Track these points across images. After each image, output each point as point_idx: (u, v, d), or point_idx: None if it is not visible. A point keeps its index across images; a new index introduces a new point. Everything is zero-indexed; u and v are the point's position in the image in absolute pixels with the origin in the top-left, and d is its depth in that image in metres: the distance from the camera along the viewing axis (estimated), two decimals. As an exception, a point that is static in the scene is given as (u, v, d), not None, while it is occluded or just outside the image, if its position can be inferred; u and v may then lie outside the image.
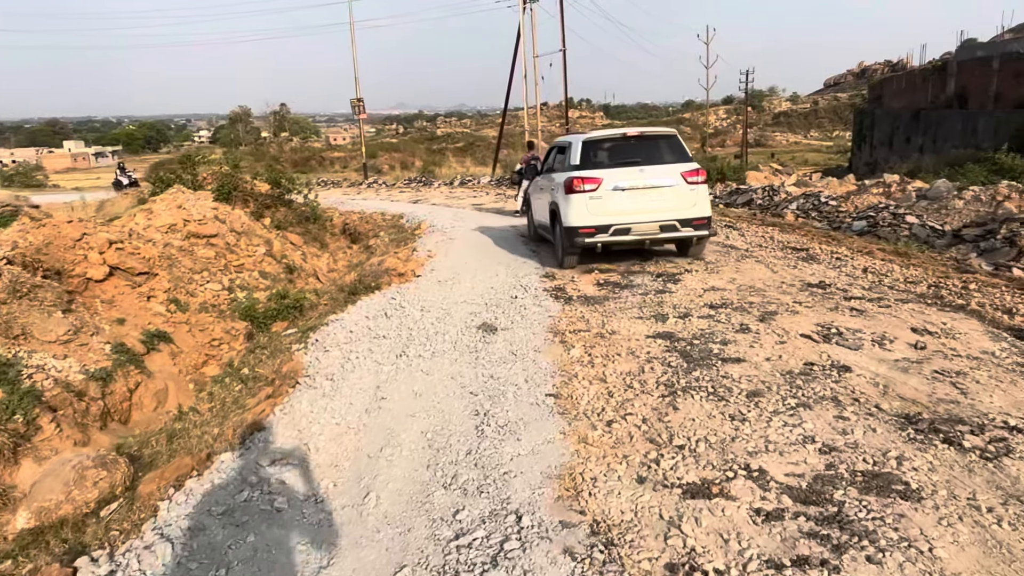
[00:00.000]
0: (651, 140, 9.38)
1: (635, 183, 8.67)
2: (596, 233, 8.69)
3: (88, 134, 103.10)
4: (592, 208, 8.62)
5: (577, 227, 8.71)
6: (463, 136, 75.23)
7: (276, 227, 12.96)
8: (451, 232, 13.86)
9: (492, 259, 10.40)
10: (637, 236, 8.82)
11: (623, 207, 8.65)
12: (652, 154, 9.08)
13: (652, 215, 8.66)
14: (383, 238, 14.58)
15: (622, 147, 9.25)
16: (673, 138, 9.44)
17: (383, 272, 8.88)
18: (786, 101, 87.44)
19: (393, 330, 6.59)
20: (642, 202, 8.67)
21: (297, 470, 3.82)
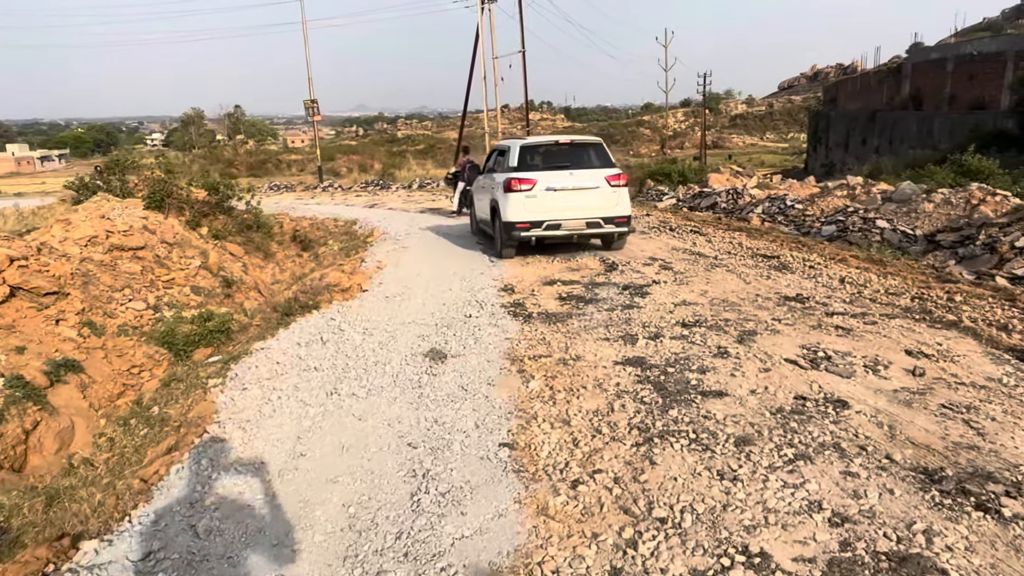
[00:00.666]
0: (580, 147, 10.35)
1: (565, 184, 9.58)
2: (531, 228, 9.57)
3: (34, 137, 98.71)
4: (528, 206, 9.50)
5: (515, 222, 9.57)
6: (424, 138, 74.10)
7: (214, 237, 11.94)
8: (405, 239, 12.99)
9: (447, 270, 9.60)
10: (566, 231, 9.74)
11: (555, 205, 9.52)
12: (581, 159, 10.04)
13: (580, 213, 9.58)
14: (332, 247, 13.65)
15: (555, 152, 10.18)
16: (599, 146, 10.38)
17: (324, 288, 8.01)
18: (742, 104, 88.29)
19: (327, 360, 5.74)
20: (571, 201, 9.56)
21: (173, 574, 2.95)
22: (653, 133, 74.96)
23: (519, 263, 9.90)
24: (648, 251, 10.42)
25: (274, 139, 79.53)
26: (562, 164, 9.87)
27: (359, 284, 8.66)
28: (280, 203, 24.21)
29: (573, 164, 9.89)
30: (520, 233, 9.63)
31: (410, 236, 13.43)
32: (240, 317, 7.82)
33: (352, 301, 7.90)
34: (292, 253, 16.44)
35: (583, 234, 10.01)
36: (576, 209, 9.57)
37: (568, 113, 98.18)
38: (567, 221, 9.60)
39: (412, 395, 4.82)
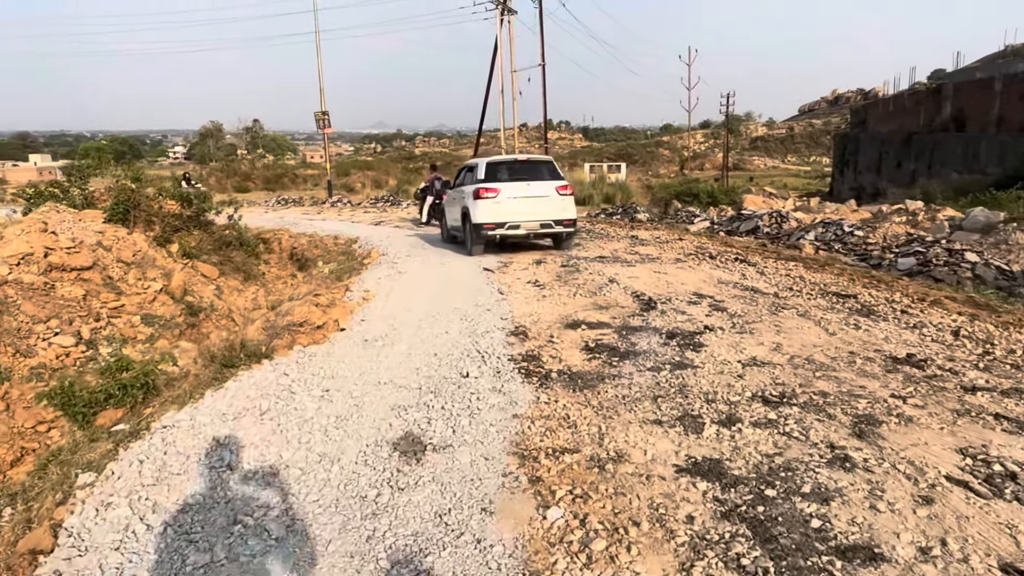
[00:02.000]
0: (535, 163, 12.21)
1: (523, 193, 11.17)
2: (496, 228, 11.09)
3: (60, 148, 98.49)
4: (493, 210, 11.03)
5: (482, 223, 11.09)
6: (441, 155, 72.85)
7: (186, 255, 10.22)
8: (404, 262, 11.19)
9: (446, 304, 7.77)
10: (524, 231, 11.39)
11: (515, 210, 11.09)
12: (536, 173, 11.71)
13: (535, 216, 11.23)
14: (323, 269, 11.90)
15: (515, 167, 11.88)
16: (550, 162, 12.36)
17: (284, 329, 6.19)
18: (762, 126, 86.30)
19: (255, 448, 3.91)
20: (528, 207, 11.17)
21: None
22: (672, 154, 73.04)
23: (535, 297, 8.07)
24: (690, 284, 8.54)
25: (293, 154, 78.60)
26: (521, 177, 11.50)
27: (336, 320, 6.85)
28: (284, 218, 22.62)
29: (530, 177, 11.55)
30: (487, 232, 11.18)
31: (411, 259, 11.63)
32: (170, 366, 6.00)
33: (322, 346, 6.07)
34: (287, 273, 14.76)
35: (538, 233, 11.71)
36: (532, 213, 11.21)
37: (586, 133, 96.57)
38: (525, 222, 11.24)
39: (358, 536, 2.95)
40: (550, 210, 11.26)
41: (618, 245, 12.65)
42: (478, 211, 11.05)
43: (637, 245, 12.56)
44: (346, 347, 6.02)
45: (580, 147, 79.67)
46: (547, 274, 9.70)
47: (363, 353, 5.81)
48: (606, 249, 12.17)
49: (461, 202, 11.93)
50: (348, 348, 5.98)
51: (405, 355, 5.71)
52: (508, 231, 11.17)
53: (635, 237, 13.77)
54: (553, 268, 10.19)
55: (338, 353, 5.82)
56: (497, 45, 28.35)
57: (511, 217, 11.06)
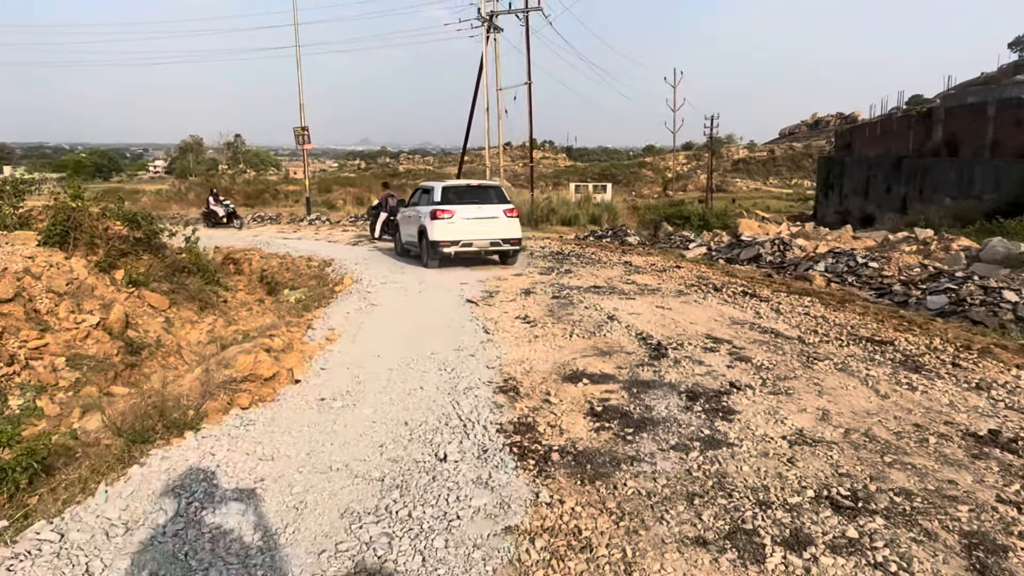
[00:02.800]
0: (485, 188, 13.29)
1: (475, 214, 12.06)
2: (451, 245, 11.90)
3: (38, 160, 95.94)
4: (449, 229, 11.86)
5: (439, 241, 11.93)
6: (425, 173, 71.80)
7: (132, 283, 8.99)
8: (379, 292, 10.04)
9: (423, 346, 6.63)
10: (476, 248, 12.19)
11: (468, 229, 11.95)
12: (486, 197, 12.70)
13: (485, 235, 12.07)
14: (289, 297, 10.73)
15: (467, 191, 12.84)
16: (499, 187, 13.67)
17: (224, 386, 5.01)
18: (743, 149, 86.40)
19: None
20: (479, 226, 12.01)
21: None
22: (655, 175, 72.72)
23: (525, 337, 6.95)
24: (700, 323, 7.47)
25: (277, 169, 77.13)
26: (473, 200, 12.46)
27: (291, 370, 5.68)
28: (259, 236, 21.33)
29: (480, 200, 12.53)
30: (443, 249, 12.03)
31: (387, 287, 10.47)
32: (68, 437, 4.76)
33: (267, 407, 4.90)
34: (254, 298, 13.53)
35: (488, 250, 12.56)
36: (482, 232, 12.11)
37: (570, 153, 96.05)
38: (477, 240, 12.13)
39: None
40: (499, 230, 12.27)
41: (612, 272, 11.60)
42: (435, 230, 12.01)
43: (633, 273, 11.52)
44: (296, 410, 4.85)
45: (564, 167, 79.02)
46: (538, 307, 8.60)
47: (316, 419, 4.64)
48: (600, 277, 11.11)
49: (418, 221, 12.87)
50: (298, 411, 4.81)
51: (368, 423, 4.55)
52: (462, 248, 12.11)
53: (629, 263, 12.74)
54: (544, 300, 9.10)
55: (285, 419, 4.64)
56: (483, 63, 27.44)
57: (464, 236, 12.02)
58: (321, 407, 4.88)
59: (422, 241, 12.61)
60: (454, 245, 11.97)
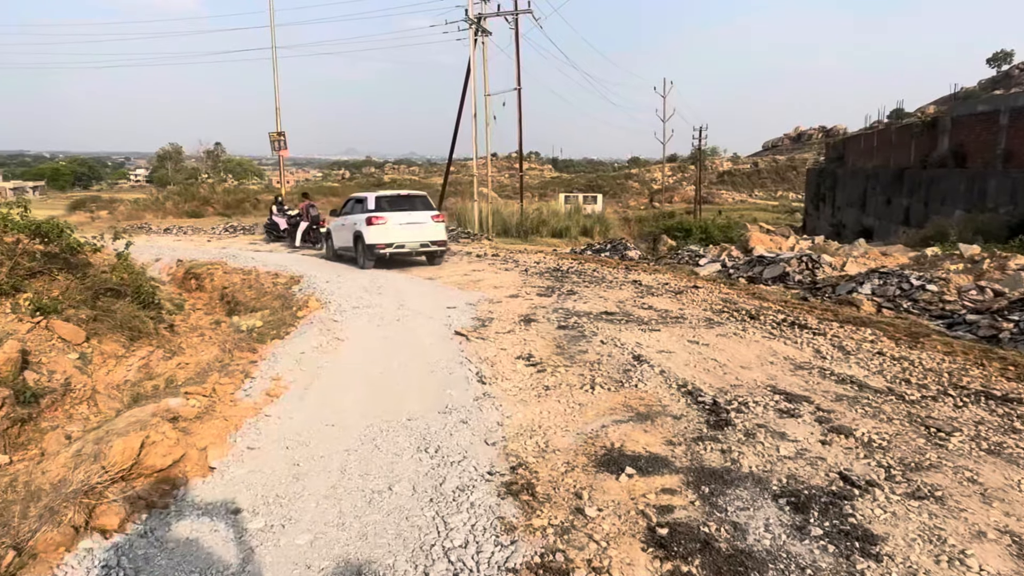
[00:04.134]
0: (414, 196, 14.17)
1: (406, 220, 13.25)
2: (386, 247, 13.08)
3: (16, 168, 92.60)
4: (382, 233, 13.07)
5: (374, 244, 13.08)
6: (410, 183, 70.06)
7: (38, 311, 7.11)
8: (349, 320, 8.22)
9: (396, 405, 4.85)
10: (407, 249, 13.36)
11: (399, 233, 13.15)
12: (414, 204, 13.75)
13: (414, 238, 13.31)
14: (239, 324, 8.90)
15: (398, 199, 13.79)
16: (425, 196, 14.46)
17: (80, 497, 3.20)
18: (727, 161, 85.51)
19: None
20: (409, 231, 13.24)
21: None
22: (641, 186, 71.44)
23: (533, 389, 5.19)
24: (753, 367, 5.76)
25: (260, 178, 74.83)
26: (403, 207, 13.34)
27: (205, 452, 3.87)
28: (227, 249, 19.35)
29: (410, 207, 13.41)
30: (379, 251, 12.99)
31: (358, 313, 8.65)
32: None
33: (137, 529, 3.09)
34: (209, 320, 11.67)
35: (417, 251, 13.44)
36: (412, 235, 13.08)
37: (556, 164, 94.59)
38: (408, 243, 13.10)
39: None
40: (427, 233, 13.33)
41: (622, 294, 9.89)
42: (370, 234, 12.99)
43: (646, 295, 9.80)
44: (191, 533, 3.04)
45: (550, 178, 77.49)
46: (542, 341, 6.85)
47: (215, 557, 2.84)
48: (609, 300, 9.39)
49: (353, 228, 13.68)
50: (192, 538, 3.01)
51: (300, 569, 2.76)
52: (395, 250, 13.12)
53: (638, 283, 11.03)
54: (549, 331, 7.35)
55: (163, 559, 2.83)
56: (470, 68, 25.74)
57: (397, 239, 13.02)
58: (230, 529, 3.08)
59: (358, 245, 13.53)
60: (388, 247, 13.02)
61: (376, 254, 13.09)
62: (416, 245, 13.29)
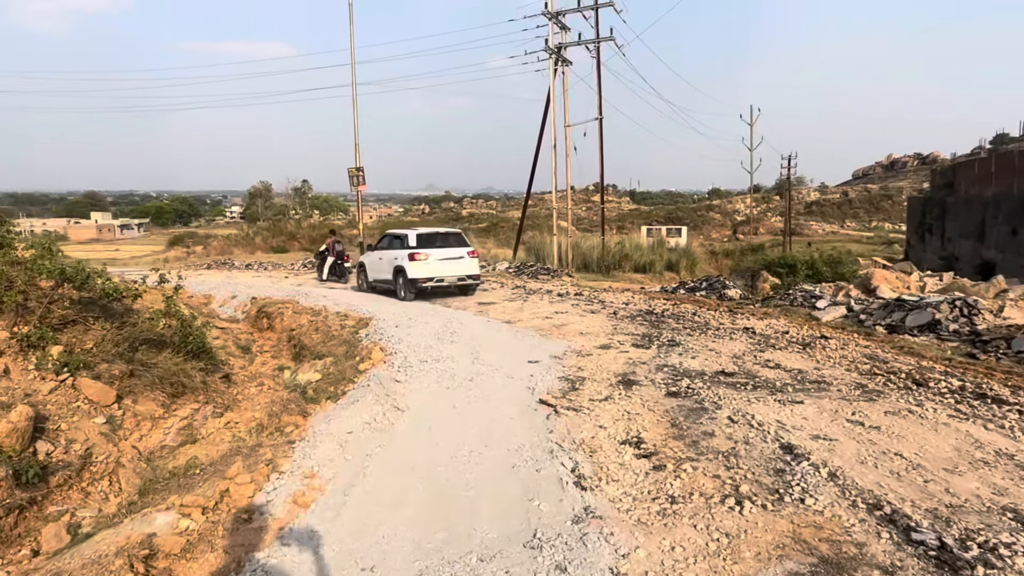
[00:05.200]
0: (451, 234, 14.97)
1: (445, 255, 13.97)
2: (427, 281, 13.71)
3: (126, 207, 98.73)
4: (424, 268, 13.69)
5: (417, 278, 13.69)
6: (487, 216, 69.79)
7: (68, 365, 6.15)
8: (413, 382, 6.88)
9: (466, 533, 3.42)
10: (446, 283, 13.94)
11: (439, 268, 13.81)
12: (451, 241, 14.49)
13: (453, 272, 13.96)
14: (291, 380, 7.76)
15: (437, 237, 14.56)
16: (461, 233, 15.25)
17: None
18: (814, 191, 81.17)
19: None
20: (448, 266, 13.91)
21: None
22: (723, 218, 68.45)
23: (652, 499, 3.66)
24: (963, 469, 4.00)
25: (344, 213, 76.47)
26: (442, 244, 14.24)
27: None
28: (301, 287, 18.66)
29: (448, 244, 14.29)
30: (420, 284, 13.74)
31: (425, 368, 7.32)
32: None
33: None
34: (272, 367, 10.72)
35: (455, 284, 14.11)
36: (451, 270, 13.94)
37: (633, 196, 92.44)
38: (447, 277, 13.89)
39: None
40: (464, 268, 14.01)
41: (736, 346, 8.19)
42: (412, 269, 13.61)
43: (766, 347, 8.07)
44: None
45: (628, 210, 75.51)
46: (651, 415, 5.30)
47: None
48: (722, 353, 7.72)
49: (393, 262, 14.27)
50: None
51: None
52: (435, 283, 13.75)
53: (751, 331, 9.28)
54: (656, 399, 5.78)
55: None
56: (549, 98, 24.68)
57: (437, 273, 13.66)
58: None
59: (398, 278, 14.13)
60: (429, 281, 13.68)
61: (418, 287, 13.75)
62: (454, 279, 13.97)
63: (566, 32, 24.71)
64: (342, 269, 18.91)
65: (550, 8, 23.94)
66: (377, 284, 15.23)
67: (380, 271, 15.00)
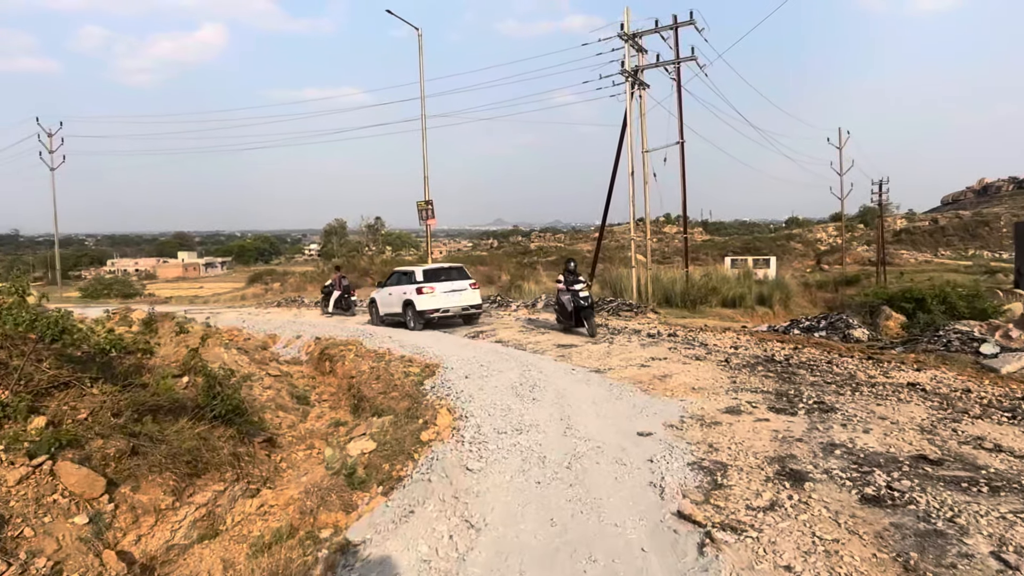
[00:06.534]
0: (454, 268, 15.91)
1: (450, 288, 14.91)
2: (433, 312, 14.65)
3: (212, 246, 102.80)
4: (431, 300, 14.68)
5: (425, 310, 14.65)
6: (556, 250, 68.14)
7: (52, 443, 4.67)
8: (490, 463, 5.09)
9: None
10: (452, 313, 14.86)
11: (445, 300, 14.78)
12: (455, 275, 15.42)
13: (457, 303, 14.91)
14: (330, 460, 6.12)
15: (441, 271, 15.43)
16: (462, 267, 16.27)
17: None
18: (901, 218, 75.81)
19: None
20: (452, 297, 14.86)
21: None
22: (805, 247, 64.42)
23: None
24: None
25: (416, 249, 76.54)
26: (446, 278, 15.16)
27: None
28: (366, 326, 17.35)
29: (451, 278, 15.23)
30: (427, 315, 14.65)
31: (503, 447, 5.49)
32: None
33: None
34: (326, 421, 9.25)
35: (459, 314, 15.04)
36: (455, 301, 14.87)
37: (706, 226, 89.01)
38: (452, 307, 14.81)
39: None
40: (466, 299, 14.96)
41: (912, 412, 6.03)
42: (420, 302, 14.59)
43: (958, 415, 5.88)
44: None
45: (701, 241, 72.38)
46: (859, 545, 3.33)
47: None
48: (901, 423, 5.59)
49: (402, 296, 15.18)
50: None
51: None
52: (441, 314, 14.62)
53: (917, 387, 7.07)
54: (849, 507, 3.79)
55: None
56: (625, 123, 22.90)
57: (443, 304, 14.62)
58: None
59: (407, 310, 15.11)
60: (436, 312, 14.61)
61: (426, 318, 14.74)
62: (459, 309, 14.94)
63: (643, 54, 23.00)
64: (348, 302, 19.62)
65: (626, 30, 22.34)
66: (387, 317, 16.27)
67: (390, 305, 16.00)
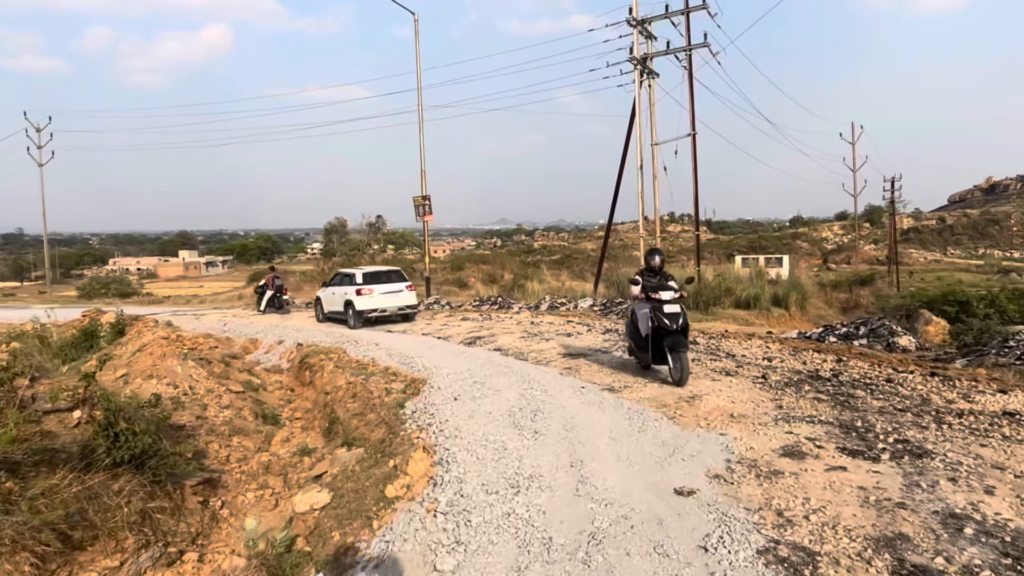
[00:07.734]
0: (391, 271, 16.76)
1: (387, 290, 15.75)
2: (371, 312, 15.44)
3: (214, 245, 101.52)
4: (369, 301, 15.48)
5: (364, 310, 15.44)
6: (560, 249, 66.57)
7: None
8: (476, 547, 3.62)
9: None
10: (389, 312, 15.69)
11: (383, 300, 15.61)
12: (392, 277, 16.36)
13: (394, 303, 15.78)
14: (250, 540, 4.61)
15: (379, 274, 16.37)
16: (400, 270, 17.08)
17: None
18: (907, 217, 74.08)
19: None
20: (389, 298, 15.71)
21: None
22: (812, 246, 62.77)
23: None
24: None
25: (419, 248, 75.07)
26: (384, 280, 16.05)
27: None
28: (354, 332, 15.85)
29: (390, 280, 16.13)
30: (366, 315, 15.41)
31: (495, 514, 4.01)
32: None
33: None
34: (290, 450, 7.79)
35: (396, 314, 15.84)
36: (392, 302, 15.74)
37: (710, 225, 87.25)
38: (389, 308, 15.66)
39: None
40: (403, 299, 16.00)
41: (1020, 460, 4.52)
42: (359, 302, 15.49)
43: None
44: None
45: (705, 240, 70.72)
46: None
47: None
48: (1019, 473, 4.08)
49: (344, 296, 16.02)
50: None
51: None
52: (379, 313, 15.59)
53: (1018, 417, 5.56)
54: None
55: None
56: (634, 114, 21.40)
57: (380, 305, 15.59)
58: None
59: (348, 310, 15.69)
60: (373, 312, 15.42)
61: (364, 317, 15.54)
62: (395, 309, 15.84)
63: (652, 41, 21.45)
64: (281, 302, 20.17)
65: (634, 15, 20.79)
66: (331, 315, 17.03)
67: (334, 304, 16.74)
